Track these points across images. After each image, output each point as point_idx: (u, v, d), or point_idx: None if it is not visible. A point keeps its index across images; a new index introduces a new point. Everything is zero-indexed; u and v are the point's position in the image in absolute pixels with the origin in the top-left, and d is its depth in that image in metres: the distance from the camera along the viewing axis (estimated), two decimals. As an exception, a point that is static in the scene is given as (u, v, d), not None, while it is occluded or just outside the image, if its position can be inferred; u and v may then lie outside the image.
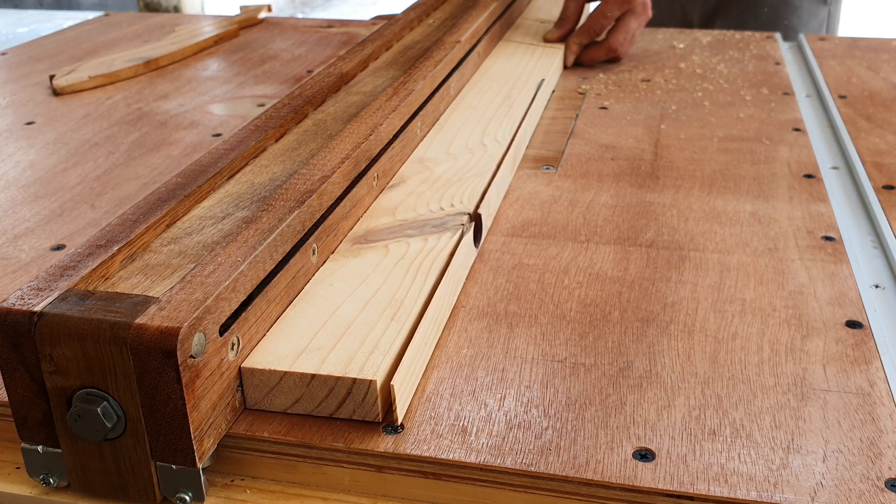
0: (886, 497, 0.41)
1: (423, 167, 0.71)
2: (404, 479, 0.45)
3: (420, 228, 0.61)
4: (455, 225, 0.61)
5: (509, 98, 0.87)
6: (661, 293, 0.58)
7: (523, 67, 0.97)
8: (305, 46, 1.19)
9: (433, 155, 0.73)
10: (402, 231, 0.61)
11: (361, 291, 0.53)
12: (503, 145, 0.76)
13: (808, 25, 1.36)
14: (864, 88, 0.97)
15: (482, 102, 0.86)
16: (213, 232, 0.51)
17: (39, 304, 0.41)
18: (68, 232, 0.67)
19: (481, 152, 0.74)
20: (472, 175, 0.69)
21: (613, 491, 0.42)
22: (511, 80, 0.93)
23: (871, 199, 0.71)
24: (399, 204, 0.65)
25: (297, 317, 0.50)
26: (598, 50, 1.06)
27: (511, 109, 0.84)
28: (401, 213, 0.63)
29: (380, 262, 0.56)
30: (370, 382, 0.45)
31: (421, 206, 0.64)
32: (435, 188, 0.67)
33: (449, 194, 0.66)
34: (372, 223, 0.62)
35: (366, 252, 0.58)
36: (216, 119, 0.91)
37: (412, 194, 0.66)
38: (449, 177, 0.69)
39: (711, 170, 0.77)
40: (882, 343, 0.53)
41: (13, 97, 1.00)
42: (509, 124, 0.80)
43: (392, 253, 0.58)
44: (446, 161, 0.72)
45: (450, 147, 0.75)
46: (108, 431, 0.40)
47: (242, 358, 0.45)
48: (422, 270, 0.56)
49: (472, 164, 0.72)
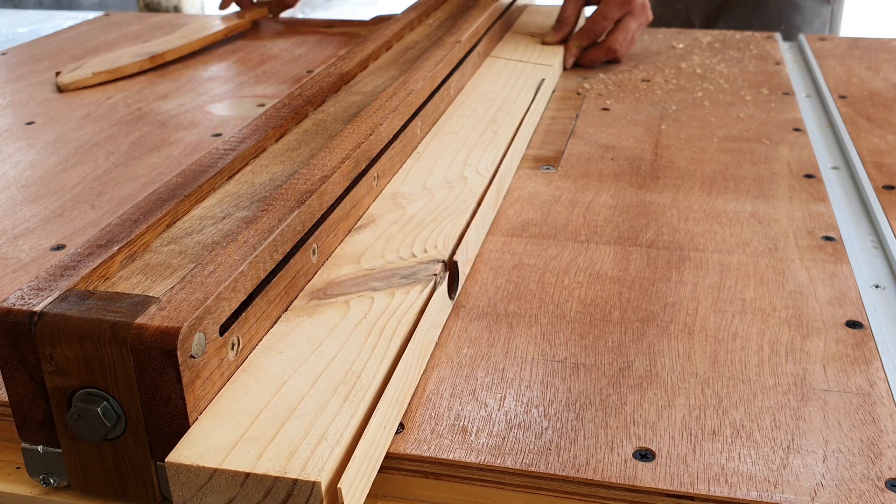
0: (886, 497, 0.41)
1: (396, 205, 0.64)
2: (404, 478, 0.45)
3: (387, 280, 0.54)
4: (426, 276, 0.55)
5: (495, 122, 0.81)
6: (661, 293, 0.58)
7: (510, 88, 0.91)
8: (305, 46, 1.19)
9: (408, 190, 0.67)
10: (367, 283, 0.54)
11: (313, 362, 0.46)
12: (485, 177, 0.69)
13: (811, 24, 1.36)
14: (864, 88, 0.97)
15: (465, 127, 0.79)
16: (214, 232, 0.51)
17: (39, 304, 0.41)
18: (68, 232, 0.67)
19: (461, 186, 0.68)
20: (450, 214, 0.63)
21: (613, 491, 0.42)
22: (497, 103, 0.86)
23: (871, 199, 0.71)
24: (366, 249, 0.58)
25: (237, 394, 0.43)
26: (597, 51, 1.06)
27: (496, 136, 0.78)
28: (367, 261, 0.56)
29: (338, 324, 0.49)
30: (313, 484, 0.38)
31: (390, 251, 0.58)
32: (407, 230, 0.60)
33: (422, 237, 0.60)
34: (333, 273, 0.55)
35: (323, 310, 0.50)
36: (216, 119, 0.91)
37: (381, 237, 0.59)
38: (423, 216, 0.62)
39: (711, 170, 0.77)
40: (882, 343, 0.53)
41: (13, 97, 1.00)
42: (493, 153, 0.74)
43: (353, 311, 0.51)
44: (422, 197, 0.66)
45: (427, 180, 0.68)
46: (108, 431, 0.40)
47: (243, 358, 0.45)
48: (385, 335, 0.49)
49: (450, 200, 0.65)
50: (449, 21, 0.98)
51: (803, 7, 1.35)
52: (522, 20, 1.16)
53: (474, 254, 0.63)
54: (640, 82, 1.01)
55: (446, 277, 0.57)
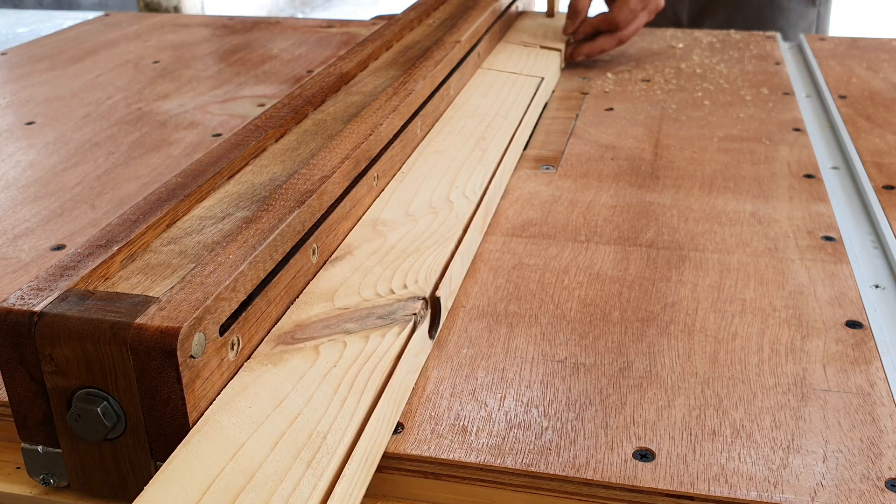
0: (886, 497, 0.41)
1: (376, 233, 0.60)
2: (404, 478, 0.45)
3: (362, 321, 0.50)
4: (405, 315, 0.50)
5: (484, 139, 0.76)
6: (661, 293, 0.58)
7: (502, 102, 0.86)
8: (305, 46, 1.19)
9: (389, 216, 0.62)
10: (340, 324, 0.49)
11: (275, 421, 0.41)
12: (472, 201, 0.65)
13: (796, 27, 1.35)
14: (864, 88, 0.97)
15: (452, 146, 0.75)
16: (213, 232, 0.51)
17: (39, 304, 0.41)
18: (68, 232, 0.67)
19: (446, 211, 0.63)
20: (433, 243, 0.59)
21: (613, 491, 0.42)
22: (487, 118, 0.81)
23: (871, 199, 0.71)
24: (341, 284, 0.53)
25: (189, 458, 0.39)
26: (609, 39, 1.05)
27: (485, 154, 0.73)
28: (341, 298, 0.52)
29: (305, 374, 0.45)
30: None
31: (367, 287, 0.53)
32: (387, 262, 0.56)
33: (403, 270, 0.55)
34: (304, 313, 0.50)
35: (290, 357, 0.46)
36: (216, 119, 0.91)
37: (358, 270, 0.55)
38: (405, 246, 0.58)
39: (711, 170, 0.77)
40: (882, 343, 0.53)
41: (13, 97, 1.00)
42: (482, 173, 0.70)
43: (322, 359, 0.46)
44: (404, 224, 0.61)
45: (410, 205, 0.64)
46: (108, 431, 0.40)
47: (243, 358, 0.45)
48: (356, 387, 0.44)
49: (434, 227, 0.61)
50: (449, 21, 0.98)
51: (787, 9, 1.34)
52: (515, 29, 1.12)
53: (457, 286, 0.59)
54: (640, 82, 1.01)
55: (427, 316, 0.52)
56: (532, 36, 1.08)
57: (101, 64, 1.12)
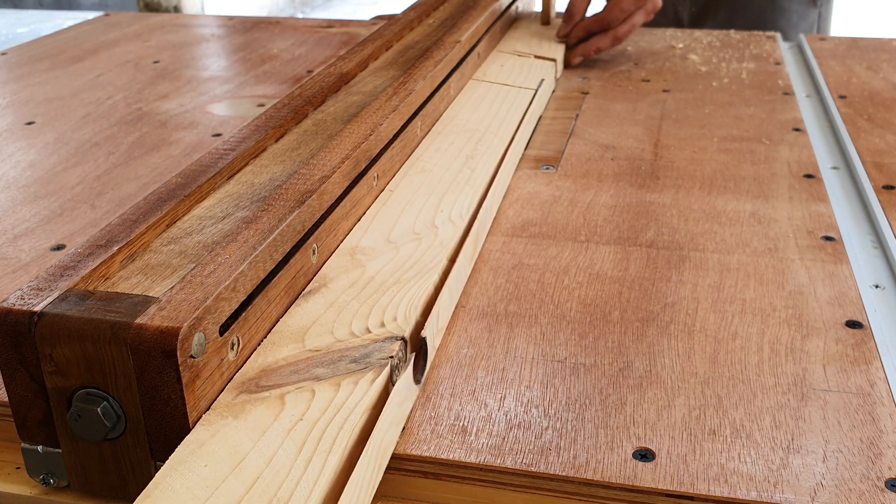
0: (886, 497, 0.41)
1: (354, 262, 0.56)
2: (404, 478, 0.45)
3: (334, 365, 0.45)
4: (381, 359, 0.46)
5: (473, 158, 0.72)
6: (661, 293, 0.58)
7: (493, 116, 0.82)
8: (305, 46, 1.19)
9: (369, 243, 0.58)
10: (310, 369, 0.45)
11: (232, 485, 0.37)
12: (459, 227, 0.61)
13: (797, 27, 1.35)
14: (864, 88, 0.97)
15: (440, 164, 0.71)
16: (213, 232, 0.51)
17: (39, 304, 0.41)
18: (68, 232, 0.67)
19: (431, 238, 0.59)
20: (415, 275, 0.55)
21: (613, 491, 0.42)
22: (477, 134, 0.77)
23: (871, 199, 0.71)
24: (313, 322, 0.49)
25: None
26: (604, 38, 1.06)
27: (474, 174, 0.69)
28: (312, 338, 0.48)
29: (267, 429, 0.41)
30: None
31: (341, 325, 0.49)
32: (364, 296, 0.52)
33: (381, 306, 0.51)
34: (271, 355, 0.46)
35: (252, 409, 0.42)
36: (216, 119, 0.91)
37: (333, 306, 0.51)
38: (385, 277, 0.54)
39: (711, 170, 0.77)
40: (882, 343, 0.53)
41: (13, 97, 1.00)
42: (470, 195, 0.66)
43: (288, 410, 0.42)
44: (385, 252, 0.57)
45: (392, 231, 0.60)
46: (108, 431, 0.40)
47: (243, 358, 0.45)
48: (323, 444, 0.40)
49: (416, 256, 0.57)
50: (449, 21, 0.98)
51: (788, 9, 1.34)
52: (509, 37, 1.08)
53: (445, 322, 0.55)
54: (640, 82, 1.01)
55: (409, 359, 0.48)
56: (526, 45, 1.05)
57: (101, 64, 1.12)
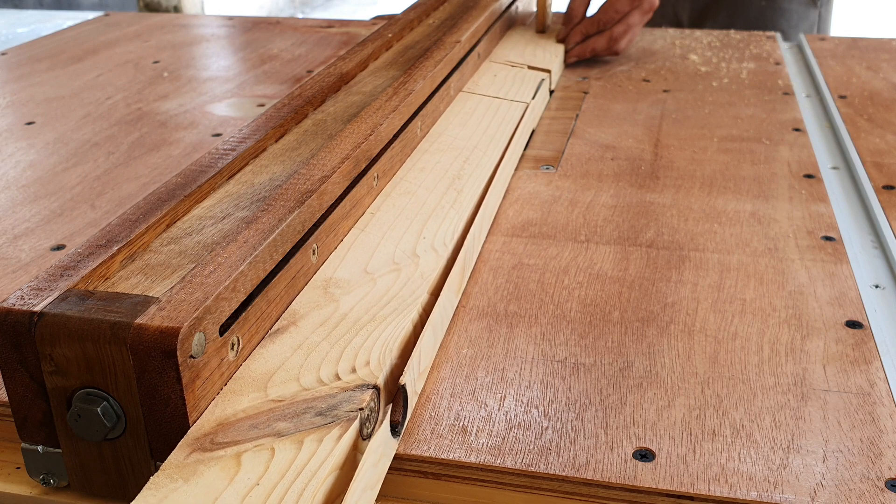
0: (886, 497, 0.41)
1: (327, 297, 0.51)
2: (404, 478, 0.45)
3: (297, 418, 0.41)
4: (349, 411, 0.41)
5: (460, 178, 0.67)
6: (661, 293, 0.58)
7: (482, 132, 0.77)
8: (305, 46, 1.19)
9: (345, 274, 0.54)
10: (271, 423, 0.41)
11: None
12: (443, 255, 0.57)
13: (797, 28, 1.35)
14: (864, 88, 0.97)
15: (424, 185, 0.66)
16: (213, 232, 0.51)
17: (39, 304, 0.41)
18: (68, 232, 0.67)
19: (410, 269, 0.55)
20: (393, 311, 0.50)
21: (613, 491, 0.42)
22: (465, 152, 0.73)
23: (871, 199, 0.71)
24: (278, 367, 0.45)
25: None
26: (599, 39, 1.06)
27: (460, 196, 0.65)
28: (276, 386, 0.43)
29: (220, 495, 0.36)
30: None
31: (308, 371, 0.44)
32: (335, 336, 0.47)
33: (353, 347, 0.47)
34: (230, 406, 0.42)
35: (205, 470, 0.38)
36: (216, 119, 0.91)
37: (301, 347, 0.46)
38: (359, 314, 0.50)
39: (711, 170, 0.77)
40: (882, 343, 0.53)
41: (13, 97, 1.00)
42: (455, 219, 0.61)
43: (243, 473, 0.38)
44: (361, 285, 0.53)
45: (370, 260, 0.56)
46: (108, 431, 0.40)
47: (242, 358, 0.45)
48: None
49: (395, 289, 0.53)
50: (449, 21, 0.98)
51: (788, 10, 1.34)
52: (502, 45, 1.04)
53: (430, 362, 0.51)
54: (640, 82, 1.01)
55: (383, 410, 0.43)
56: (520, 54, 1.01)
57: (101, 64, 1.12)
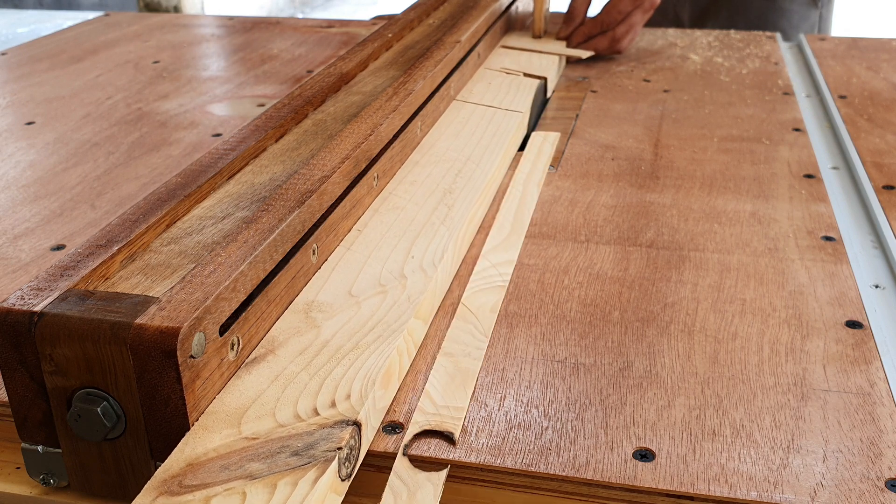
0: (886, 497, 0.41)
1: (308, 322, 0.49)
2: (404, 479, 0.45)
3: (272, 458, 0.38)
4: (326, 450, 0.39)
5: (451, 193, 0.65)
6: (661, 293, 0.58)
7: (476, 143, 0.75)
8: (305, 46, 1.19)
9: (327, 297, 0.51)
10: (243, 464, 0.38)
11: None
12: (431, 276, 0.54)
13: (798, 28, 1.35)
14: (864, 88, 0.97)
15: (414, 200, 0.63)
16: (213, 232, 0.51)
17: (39, 304, 0.41)
18: (68, 232, 0.67)
19: (397, 291, 0.52)
20: (377, 338, 0.47)
21: (613, 491, 0.42)
22: (458, 165, 0.70)
23: (871, 199, 0.71)
24: (254, 400, 0.42)
25: None
26: (602, 39, 1.07)
27: (451, 211, 0.62)
28: (251, 422, 0.41)
29: None
30: None
31: (285, 405, 0.42)
32: (315, 365, 0.45)
33: (334, 378, 0.44)
34: (200, 444, 0.39)
35: None
36: (216, 119, 0.91)
37: (279, 378, 0.44)
38: (342, 341, 0.47)
39: (711, 170, 0.77)
40: (882, 343, 0.53)
41: (13, 97, 1.00)
42: (445, 237, 0.59)
43: None
44: (345, 308, 0.50)
45: (355, 282, 0.53)
46: (108, 431, 0.40)
47: (242, 358, 0.45)
48: None
49: (380, 314, 0.50)
50: (449, 21, 0.98)
51: (789, 11, 1.34)
52: (498, 52, 1.02)
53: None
54: (640, 82, 1.01)
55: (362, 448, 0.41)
56: (515, 60, 0.99)
57: (101, 64, 1.12)
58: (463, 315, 0.55)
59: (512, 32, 1.12)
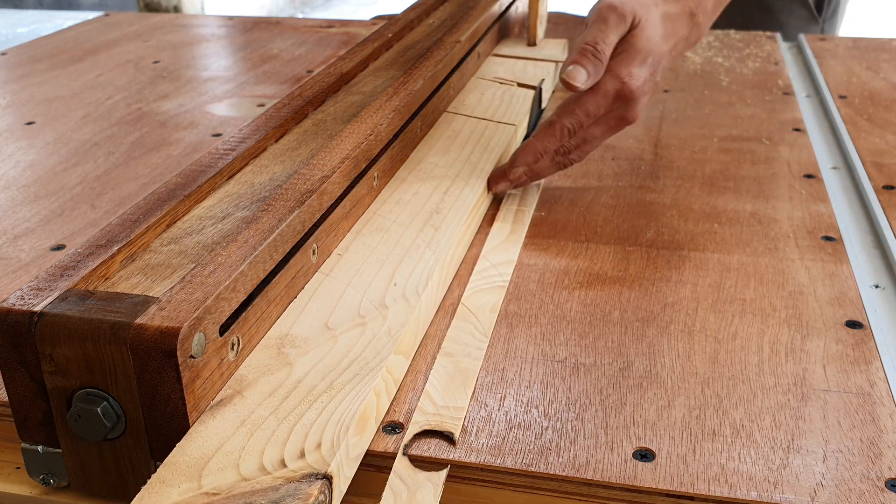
0: (886, 497, 0.41)
1: (280, 359, 0.45)
2: (404, 479, 0.44)
3: None
4: None
5: (438, 213, 0.61)
6: (661, 293, 0.58)
7: (465, 159, 0.71)
8: (305, 46, 1.19)
9: (302, 330, 0.48)
10: None
11: None
12: (413, 305, 0.51)
13: None
14: (864, 88, 0.97)
15: (399, 221, 0.60)
16: (213, 232, 0.51)
17: (39, 304, 0.41)
18: (68, 232, 0.67)
19: (377, 323, 0.49)
20: (353, 377, 0.44)
21: (613, 491, 0.42)
22: (446, 182, 0.67)
23: (871, 199, 0.71)
24: (217, 448, 0.39)
25: None
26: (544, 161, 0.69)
27: (437, 233, 0.59)
28: (212, 474, 0.37)
29: None
30: None
31: (250, 455, 0.38)
32: (285, 409, 0.41)
33: (304, 424, 0.40)
34: (157, 501, 0.36)
35: None
36: (216, 119, 0.91)
37: (245, 424, 0.40)
38: (315, 381, 0.44)
39: (711, 170, 0.77)
40: (882, 343, 0.53)
41: (13, 97, 1.00)
42: (430, 261, 0.56)
43: None
44: (320, 343, 0.47)
45: (332, 313, 0.50)
46: (108, 431, 0.40)
47: (242, 358, 0.45)
48: None
49: (358, 349, 0.46)
50: (449, 21, 0.98)
51: (787, 25, 1.32)
52: (492, 61, 0.98)
53: None
54: (640, 82, 1.01)
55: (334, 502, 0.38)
56: (510, 69, 0.95)
57: (101, 64, 1.12)
58: (463, 315, 0.55)
59: (506, 39, 1.07)
